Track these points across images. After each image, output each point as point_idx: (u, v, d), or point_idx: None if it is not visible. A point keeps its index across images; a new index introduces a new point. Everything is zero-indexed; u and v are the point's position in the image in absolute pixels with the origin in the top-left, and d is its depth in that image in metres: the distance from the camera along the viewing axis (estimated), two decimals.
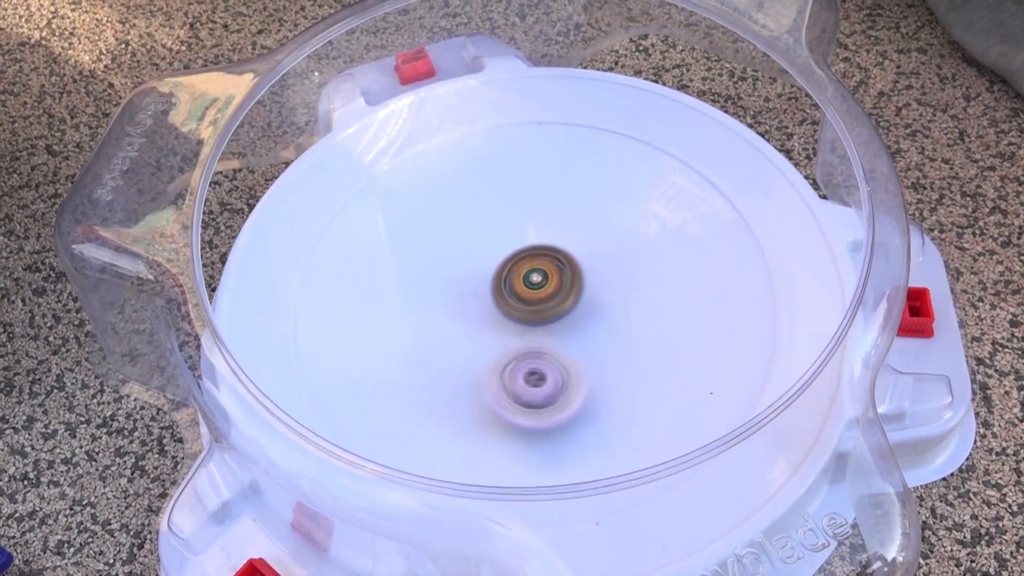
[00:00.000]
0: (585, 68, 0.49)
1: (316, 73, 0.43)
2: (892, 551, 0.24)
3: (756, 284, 0.34)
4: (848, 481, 0.29)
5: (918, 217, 0.44)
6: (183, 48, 0.52)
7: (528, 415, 0.30)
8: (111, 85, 0.51)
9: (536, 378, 0.31)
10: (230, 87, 0.36)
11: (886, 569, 0.24)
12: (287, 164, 0.38)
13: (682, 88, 0.49)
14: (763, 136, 0.45)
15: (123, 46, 0.52)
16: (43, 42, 0.53)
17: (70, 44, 0.53)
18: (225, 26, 0.53)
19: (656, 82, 0.49)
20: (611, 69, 0.51)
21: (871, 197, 0.31)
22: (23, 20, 0.54)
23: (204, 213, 0.46)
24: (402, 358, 0.33)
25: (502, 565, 0.24)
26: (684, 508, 0.28)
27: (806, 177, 0.37)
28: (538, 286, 0.33)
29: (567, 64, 0.49)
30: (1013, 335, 0.40)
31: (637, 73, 0.50)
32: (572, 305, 0.33)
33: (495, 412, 0.30)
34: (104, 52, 0.52)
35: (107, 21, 0.54)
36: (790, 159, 0.45)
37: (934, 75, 0.49)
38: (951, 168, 0.46)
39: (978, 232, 0.44)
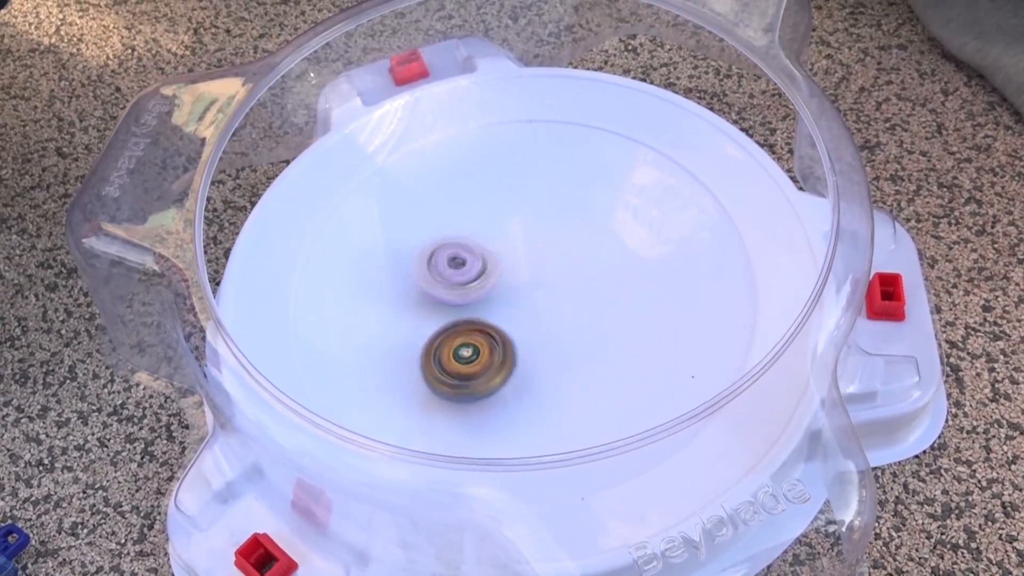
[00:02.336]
0: (575, 68, 0.50)
1: (314, 75, 0.45)
2: (851, 515, 0.26)
3: (737, 272, 0.35)
4: (819, 460, 0.31)
5: (896, 208, 0.45)
6: (187, 53, 0.54)
7: None
8: (118, 89, 0.52)
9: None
10: (231, 89, 0.37)
11: (845, 530, 0.26)
12: (287, 163, 0.40)
13: (669, 86, 0.50)
14: (747, 131, 0.46)
15: (129, 51, 0.54)
16: (52, 48, 0.55)
17: (78, 50, 0.54)
18: (228, 31, 0.55)
19: (644, 81, 0.50)
20: (600, 68, 0.52)
21: (837, 185, 0.32)
22: (32, 27, 0.56)
23: (208, 210, 0.47)
24: (394, 344, 0.34)
25: (482, 530, 0.26)
26: (664, 486, 0.30)
27: (787, 171, 0.38)
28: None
29: (558, 64, 0.51)
30: (985, 319, 0.42)
31: (626, 72, 0.52)
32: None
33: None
34: (111, 57, 0.54)
35: (114, 27, 0.55)
36: (773, 153, 0.46)
37: (914, 71, 0.51)
38: (929, 160, 0.47)
39: (954, 222, 0.45)
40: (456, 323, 0.33)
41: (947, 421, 0.38)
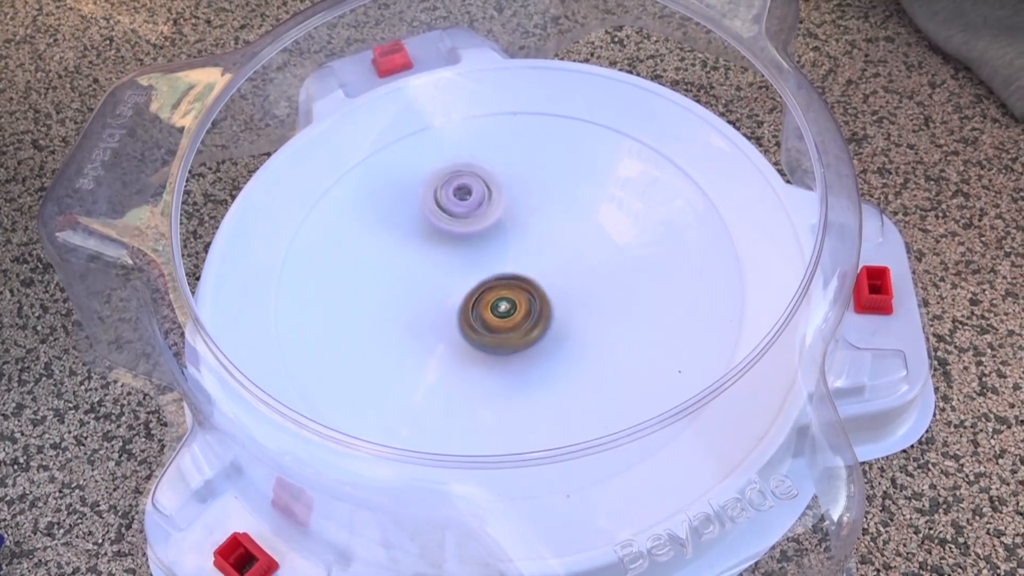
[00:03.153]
0: (561, 59, 0.50)
1: (296, 66, 0.44)
2: (839, 511, 0.26)
3: (724, 266, 0.35)
4: (807, 455, 0.31)
5: (883, 200, 0.45)
6: (167, 44, 0.53)
7: None
8: (96, 80, 0.52)
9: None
10: (209, 79, 0.37)
11: (834, 527, 0.25)
12: (269, 155, 0.39)
13: (656, 78, 0.50)
14: (734, 124, 0.46)
15: (107, 42, 0.53)
16: (28, 39, 0.54)
17: (55, 40, 0.53)
18: (208, 21, 0.54)
19: (631, 73, 0.50)
20: (587, 60, 0.51)
21: (825, 177, 0.32)
22: (8, 17, 0.55)
23: (188, 204, 0.46)
24: (378, 339, 0.34)
25: (465, 528, 0.25)
26: (649, 483, 0.29)
27: (774, 164, 0.38)
28: (506, 314, 0.33)
29: (544, 56, 0.50)
30: (972, 313, 0.41)
31: (612, 64, 0.51)
32: (541, 330, 0.33)
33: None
34: (89, 48, 0.53)
35: (91, 17, 0.54)
36: (760, 146, 0.46)
37: (901, 63, 0.51)
38: (916, 153, 0.47)
39: (941, 215, 0.45)
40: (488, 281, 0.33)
41: (935, 415, 0.38)
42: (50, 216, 0.34)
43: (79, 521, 0.37)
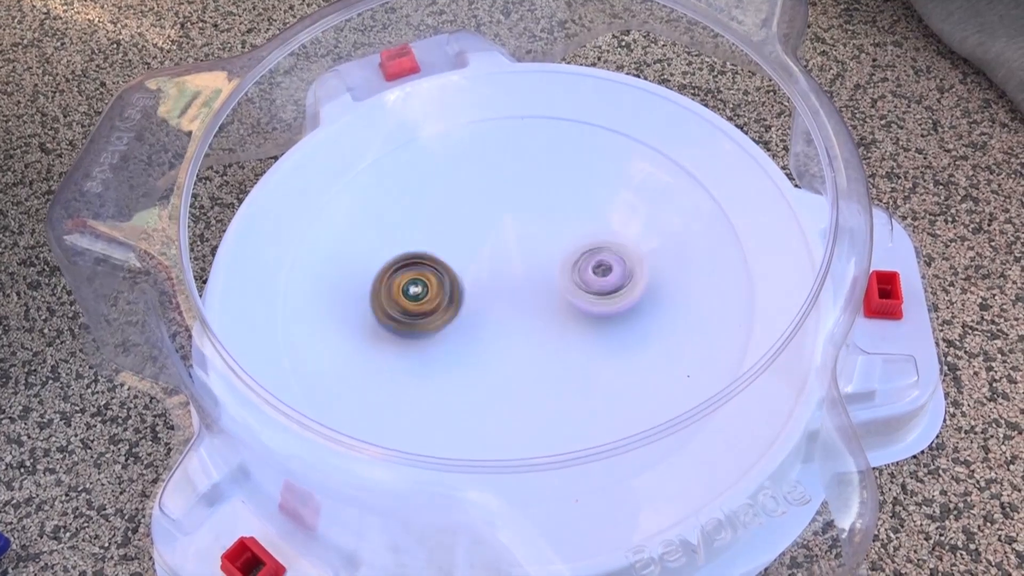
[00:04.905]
0: (568, 63, 0.50)
1: (303, 70, 0.44)
2: (852, 519, 0.25)
3: (732, 270, 0.35)
4: (817, 460, 0.30)
5: (892, 205, 0.45)
6: (174, 48, 0.53)
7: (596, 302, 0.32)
8: (103, 84, 0.52)
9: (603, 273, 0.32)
10: (217, 83, 0.37)
11: (846, 535, 0.25)
12: (276, 159, 0.39)
13: (663, 82, 0.50)
14: (742, 128, 0.46)
15: (115, 46, 0.53)
16: (36, 42, 0.54)
17: (62, 44, 0.53)
18: (215, 25, 0.54)
19: (638, 77, 0.50)
20: (594, 64, 0.51)
21: (835, 182, 0.32)
22: (16, 21, 0.55)
23: (195, 207, 0.46)
24: (382, 344, 0.34)
25: (476, 534, 0.25)
26: (659, 487, 0.29)
27: (782, 168, 0.38)
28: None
29: (551, 60, 0.50)
30: (983, 318, 0.41)
31: (619, 68, 0.51)
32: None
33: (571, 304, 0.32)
34: (96, 52, 0.53)
35: (99, 21, 0.55)
36: (768, 150, 0.45)
37: (909, 67, 0.50)
38: (924, 158, 0.47)
39: (950, 219, 0.45)
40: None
41: (945, 421, 0.38)
42: (58, 219, 0.34)
43: (85, 525, 0.37)
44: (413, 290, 0.32)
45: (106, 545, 0.36)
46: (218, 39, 0.53)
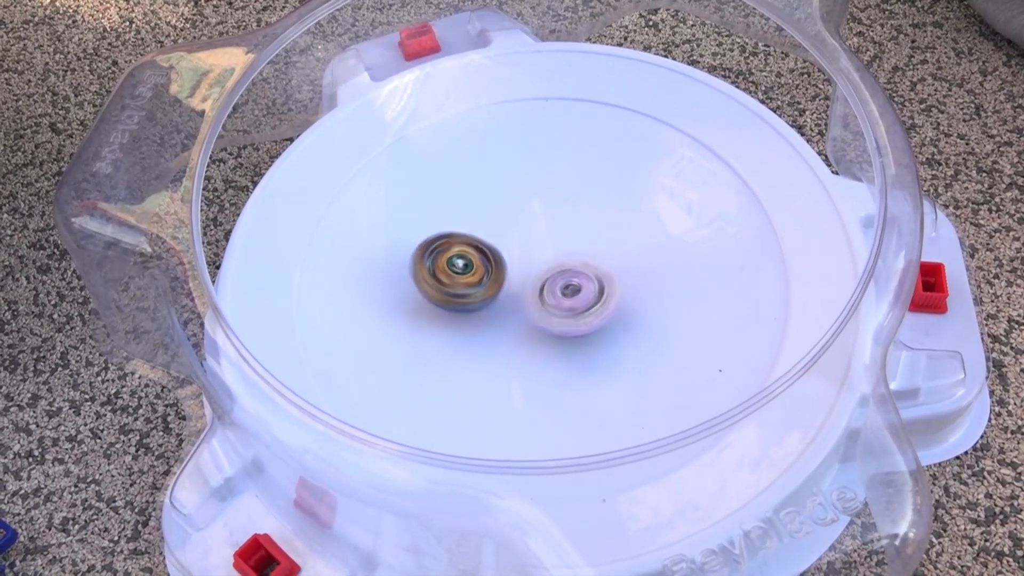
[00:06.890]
0: (593, 43, 0.48)
1: (320, 49, 0.43)
2: (903, 527, 0.24)
3: (767, 260, 0.33)
4: (859, 459, 0.29)
5: (933, 193, 0.43)
6: (187, 26, 0.52)
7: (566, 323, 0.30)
8: (115, 63, 0.50)
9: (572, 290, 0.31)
10: (231, 61, 0.35)
11: (897, 544, 0.24)
12: (291, 141, 0.38)
13: (692, 63, 0.48)
14: (775, 112, 0.44)
15: (127, 24, 0.52)
16: (47, 20, 0.53)
17: (74, 22, 0.52)
18: (229, 3, 0.53)
19: (666, 57, 0.48)
20: (620, 44, 0.50)
21: (884, 169, 0.30)
22: None
23: (208, 191, 0.45)
24: (405, 334, 0.32)
25: (504, 538, 0.24)
26: (692, 487, 0.28)
27: (819, 153, 0.36)
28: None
29: (575, 39, 0.49)
30: None
31: (647, 48, 0.50)
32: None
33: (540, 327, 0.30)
34: (108, 30, 0.52)
35: None
36: (802, 135, 0.44)
37: (950, 49, 0.48)
38: (967, 144, 0.45)
39: (994, 208, 0.43)
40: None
41: (990, 420, 0.36)
42: (66, 201, 0.32)
43: (95, 517, 0.36)
44: (460, 263, 0.31)
45: (116, 538, 0.36)
46: (233, 17, 0.52)
